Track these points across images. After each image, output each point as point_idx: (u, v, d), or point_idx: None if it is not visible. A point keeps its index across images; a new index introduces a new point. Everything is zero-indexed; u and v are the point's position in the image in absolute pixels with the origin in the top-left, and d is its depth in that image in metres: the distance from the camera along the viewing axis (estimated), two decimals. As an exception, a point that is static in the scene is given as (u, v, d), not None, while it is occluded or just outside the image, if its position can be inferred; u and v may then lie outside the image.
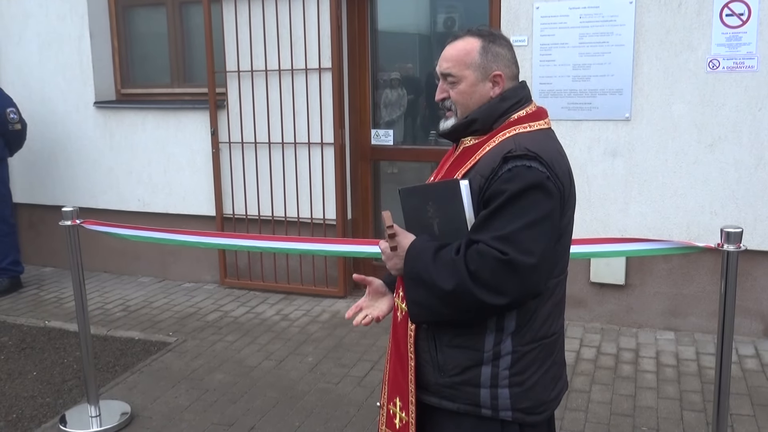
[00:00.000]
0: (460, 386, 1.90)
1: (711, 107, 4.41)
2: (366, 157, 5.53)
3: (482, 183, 1.80)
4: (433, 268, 1.79)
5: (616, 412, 3.68)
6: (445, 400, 1.93)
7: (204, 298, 5.63)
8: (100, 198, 6.17)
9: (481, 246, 1.75)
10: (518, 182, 1.76)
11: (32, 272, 6.36)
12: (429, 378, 1.94)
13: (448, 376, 1.90)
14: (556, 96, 4.68)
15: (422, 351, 1.94)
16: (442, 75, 1.95)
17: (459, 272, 1.75)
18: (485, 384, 1.88)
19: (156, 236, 3.73)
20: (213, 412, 3.79)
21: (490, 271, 1.73)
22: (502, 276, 1.73)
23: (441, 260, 1.79)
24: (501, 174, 1.78)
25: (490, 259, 1.73)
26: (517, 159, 1.78)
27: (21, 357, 4.59)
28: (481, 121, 1.91)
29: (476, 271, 1.73)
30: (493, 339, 1.87)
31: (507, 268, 1.72)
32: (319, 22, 5.20)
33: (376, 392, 3.94)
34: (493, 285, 1.73)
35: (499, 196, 1.76)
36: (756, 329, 4.57)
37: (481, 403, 1.89)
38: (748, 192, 4.41)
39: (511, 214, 1.75)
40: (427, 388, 1.96)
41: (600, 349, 4.48)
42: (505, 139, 1.86)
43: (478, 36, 1.93)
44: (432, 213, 1.86)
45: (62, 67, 6.10)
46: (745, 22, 4.27)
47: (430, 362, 1.93)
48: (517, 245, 1.73)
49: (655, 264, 4.69)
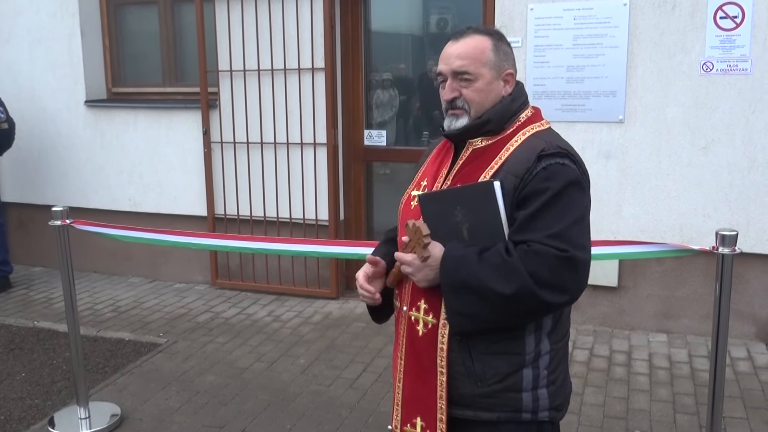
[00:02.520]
0: (500, 393, 1.84)
1: (704, 110, 4.41)
2: (359, 157, 5.51)
3: (516, 183, 1.77)
4: (483, 274, 1.73)
5: (609, 415, 3.67)
6: (482, 411, 1.86)
7: (195, 299, 5.60)
8: (91, 198, 6.13)
9: (535, 245, 1.72)
10: (558, 180, 1.76)
11: (21, 272, 6.31)
12: (463, 390, 1.86)
13: (488, 386, 1.84)
14: (550, 97, 4.68)
15: (455, 363, 1.85)
16: (454, 73, 1.87)
17: (518, 274, 1.70)
18: (527, 387, 1.85)
19: (147, 237, 3.70)
20: (204, 414, 3.76)
21: (550, 270, 1.71)
22: (564, 273, 1.72)
23: (490, 264, 1.73)
24: (537, 172, 1.76)
25: (550, 258, 1.71)
26: (551, 157, 1.78)
27: (9, 358, 4.54)
28: (495, 121, 1.88)
29: (536, 272, 1.70)
30: (533, 340, 1.85)
31: (568, 265, 1.72)
32: (313, 22, 5.18)
33: (368, 394, 3.92)
34: (555, 283, 1.72)
35: (541, 195, 1.74)
36: (748, 332, 4.58)
37: (523, 408, 1.85)
38: (741, 195, 4.41)
39: (558, 211, 1.74)
40: (460, 402, 1.87)
41: (593, 351, 4.47)
42: (529, 138, 1.85)
43: (486, 34, 1.90)
44: (461, 218, 1.79)
45: (53, 66, 6.05)
46: (739, 25, 4.27)
47: (465, 374, 1.85)
48: (572, 242, 1.73)
49: (648, 266, 4.69)
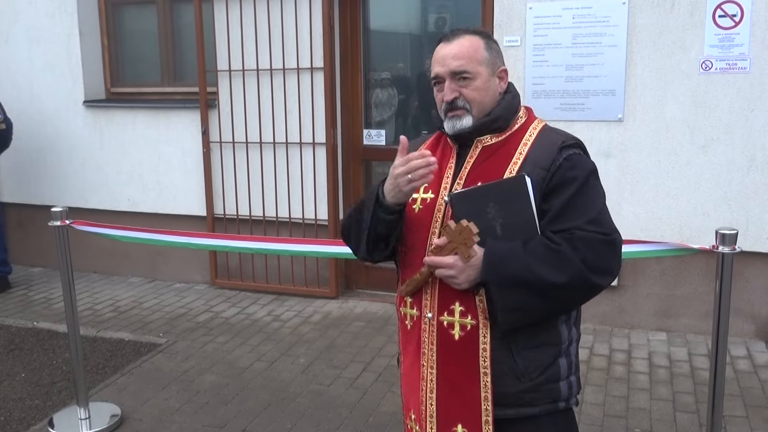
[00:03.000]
0: (542, 386, 1.86)
1: (704, 108, 4.41)
2: (358, 157, 5.51)
3: (544, 174, 1.81)
4: (534, 265, 1.74)
5: (609, 414, 3.68)
6: (524, 407, 1.86)
7: (195, 299, 5.60)
8: (90, 198, 6.12)
9: (579, 233, 1.77)
10: (582, 169, 1.84)
11: (20, 272, 6.30)
12: (505, 389, 1.84)
13: (530, 380, 1.84)
14: (549, 96, 4.68)
15: (497, 362, 1.83)
16: (452, 74, 1.88)
17: (570, 262, 1.74)
18: (564, 376, 1.89)
19: (146, 237, 3.70)
20: (204, 413, 3.76)
21: (596, 255, 1.76)
22: (609, 256, 1.80)
23: (537, 256, 1.75)
24: (561, 163, 1.82)
25: (596, 243, 1.77)
26: (570, 148, 1.86)
27: (9, 358, 4.54)
28: (504, 117, 1.92)
29: (586, 258, 1.75)
30: (566, 329, 1.91)
31: (611, 248, 1.80)
32: (311, 22, 5.17)
33: (368, 394, 3.92)
34: (604, 266, 1.79)
35: (570, 184, 1.81)
36: (748, 330, 4.58)
37: (561, 397, 1.89)
38: (741, 193, 4.41)
39: (589, 198, 1.82)
40: (501, 402, 1.85)
41: (592, 350, 4.48)
42: (542, 131, 1.92)
43: (476, 34, 1.93)
44: (494, 214, 1.79)
45: (51, 66, 6.04)
46: (738, 23, 4.27)
47: (507, 372, 1.84)
48: (608, 225, 1.82)
49: (647, 265, 4.69)
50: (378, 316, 5.09)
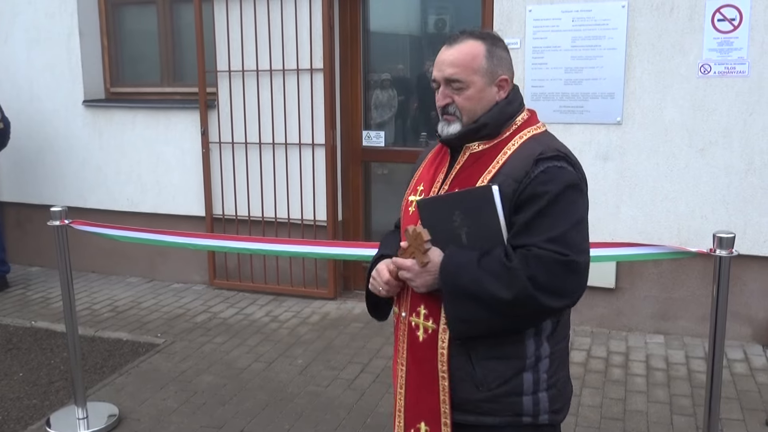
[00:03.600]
0: (501, 398, 1.84)
1: (702, 112, 4.42)
2: (357, 158, 5.51)
3: (515, 187, 1.76)
4: (483, 279, 1.72)
5: (606, 416, 3.68)
6: (483, 416, 1.86)
7: (193, 299, 5.60)
8: (89, 197, 6.12)
9: (535, 250, 1.71)
10: (556, 183, 1.75)
11: (19, 272, 6.30)
12: (465, 395, 1.85)
13: (488, 390, 1.83)
14: (548, 99, 4.68)
15: (455, 368, 1.84)
16: (445, 80, 1.87)
17: (517, 279, 1.70)
18: (528, 391, 1.84)
19: (145, 237, 3.70)
20: (202, 414, 3.76)
21: (550, 275, 1.70)
22: (563, 277, 1.72)
23: (489, 270, 1.73)
24: (535, 176, 1.75)
25: (550, 262, 1.70)
26: (549, 160, 1.77)
27: (7, 358, 4.54)
28: (492, 125, 1.87)
29: (535, 276, 1.70)
30: (533, 344, 1.84)
31: (567, 269, 1.72)
32: (311, 23, 5.18)
33: (366, 395, 3.92)
34: (555, 288, 1.72)
35: (539, 198, 1.73)
36: (745, 333, 4.59)
37: (524, 412, 1.85)
38: (739, 197, 4.42)
39: (557, 215, 1.73)
40: (461, 407, 1.87)
41: (590, 352, 4.48)
42: (526, 142, 1.84)
43: (480, 39, 1.87)
44: (459, 222, 1.79)
45: (51, 65, 6.04)
46: (737, 27, 4.28)
47: (466, 379, 1.84)
48: (572, 245, 1.73)
49: (645, 268, 4.70)
50: (376, 318, 5.08)
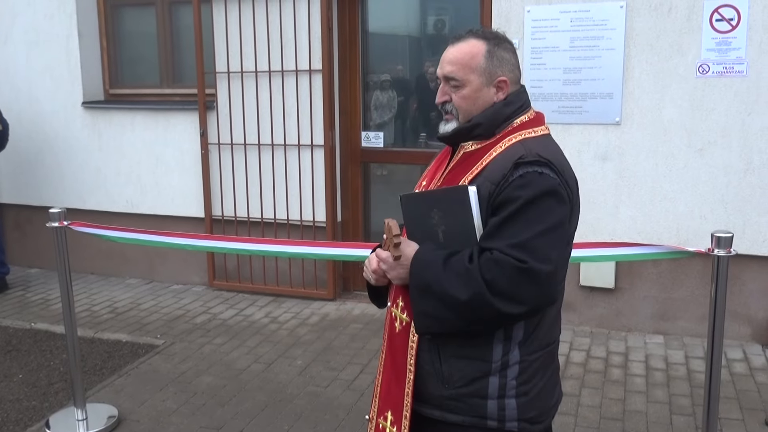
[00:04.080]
0: (465, 398, 1.84)
1: (701, 112, 4.42)
2: (356, 159, 5.51)
3: (492, 189, 1.75)
4: (444, 278, 1.73)
5: (605, 416, 3.68)
6: (448, 413, 1.87)
7: (192, 300, 5.60)
8: (88, 199, 6.13)
9: (496, 254, 1.70)
10: (532, 189, 1.72)
11: (18, 273, 6.30)
12: (432, 390, 1.88)
13: (454, 388, 1.85)
14: (547, 99, 4.69)
15: (424, 363, 1.87)
16: (444, 78, 1.89)
17: (474, 282, 1.70)
18: (492, 395, 1.84)
19: (144, 238, 3.70)
20: (201, 415, 3.76)
21: (507, 280, 1.69)
22: (520, 284, 1.69)
23: (452, 270, 1.73)
24: (513, 180, 1.74)
25: (508, 268, 1.68)
26: (528, 165, 1.75)
27: (6, 359, 4.54)
28: (485, 126, 1.87)
29: (492, 280, 1.69)
30: (501, 349, 1.83)
31: (525, 276, 1.69)
32: (310, 24, 5.18)
33: (365, 396, 3.92)
34: (511, 294, 1.69)
35: (512, 203, 1.72)
36: (744, 333, 4.59)
37: (488, 415, 1.84)
38: (737, 196, 4.42)
39: (526, 221, 1.71)
40: (429, 401, 1.89)
41: (589, 352, 4.48)
42: (513, 145, 1.83)
43: (483, 39, 1.88)
44: (437, 220, 1.80)
45: (50, 67, 6.05)
46: (735, 27, 4.29)
47: (433, 374, 1.86)
48: (534, 253, 1.69)
49: (644, 268, 4.70)
50: (375, 318, 5.09)
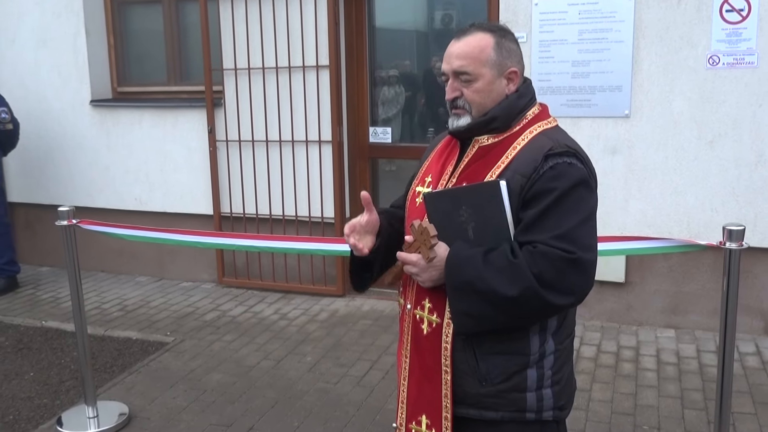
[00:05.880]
0: (505, 393, 1.84)
1: (711, 104, 4.38)
2: (364, 154, 5.50)
3: (524, 182, 1.75)
4: (488, 275, 1.72)
5: (616, 411, 3.66)
6: (486, 411, 1.86)
7: (202, 298, 5.61)
8: (97, 197, 6.14)
9: (541, 247, 1.70)
10: (566, 180, 1.74)
11: (29, 272, 6.32)
12: (468, 389, 1.86)
13: (492, 385, 1.83)
14: (555, 93, 4.66)
15: (459, 362, 1.85)
16: (454, 73, 1.86)
17: (523, 276, 1.69)
18: (531, 387, 1.85)
19: (153, 236, 3.70)
20: (211, 412, 3.76)
21: (556, 272, 1.69)
22: (570, 275, 1.71)
23: (495, 266, 1.72)
24: (544, 172, 1.74)
25: (556, 259, 1.69)
26: (558, 156, 1.76)
27: (18, 357, 4.56)
28: (502, 118, 1.85)
29: (541, 273, 1.69)
30: (538, 340, 1.84)
31: (574, 267, 1.71)
32: (317, 19, 5.17)
33: (375, 392, 3.91)
34: (561, 285, 1.71)
35: (548, 195, 1.72)
36: (757, 326, 4.56)
37: (527, 408, 1.85)
38: (749, 189, 4.39)
39: (565, 212, 1.72)
40: (464, 401, 1.88)
41: (600, 347, 4.46)
42: (536, 137, 1.83)
43: (489, 31, 1.86)
44: (466, 217, 1.78)
45: (58, 66, 6.06)
46: (745, 18, 4.24)
47: (469, 373, 1.84)
48: (579, 242, 1.72)
49: (655, 262, 4.67)
50: (385, 315, 5.08)
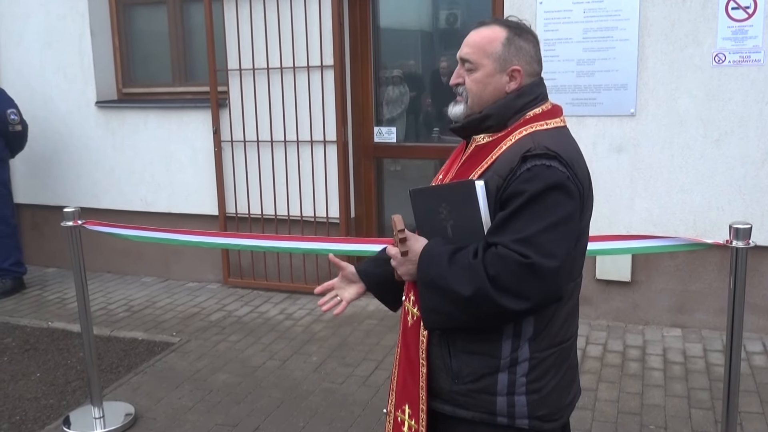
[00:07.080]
0: (475, 394, 1.83)
1: (717, 102, 4.37)
2: (369, 154, 5.50)
3: (500, 183, 1.72)
4: (449, 274, 1.72)
5: (623, 411, 3.65)
6: (459, 408, 1.86)
7: (207, 298, 5.61)
8: (103, 198, 6.16)
9: (500, 249, 1.67)
10: (538, 182, 1.68)
11: (35, 273, 6.34)
12: (442, 385, 1.87)
13: (463, 384, 1.83)
14: (560, 92, 4.65)
15: (435, 357, 1.87)
16: (461, 59, 1.89)
17: (478, 277, 1.67)
18: (501, 392, 1.82)
19: (158, 236, 3.71)
20: (217, 412, 3.76)
21: (511, 275, 1.66)
22: (524, 280, 1.66)
23: (457, 265, 1.72)
24: (520, 174, 1.70)
25: (511, 263, 1.65)
26: (536, 158, 1.71)
27: (24, 358, 4.57)
28: (496, 117, 1.84)
29: (496, 276, 1.66)
30: (510, 345, 1.80)
31: (529, 272, 1.65)
32: (321, 19, 5.17)
33: (381, 392, 3.91)
34: (515, 290, 1.66)
35: (519, 197, 1.69)
36: (764, 325, 4.54)
37: (497, 411, 1.83)
38: (755, 187, 4.37)
39: (531, 215, 1.67)
40: (440, 396, 1.89)
41: (606, 346, 4.45)
42: (523, 137, 1.80)
43: (506, 26, 1.88)
44: (445, 215, 1.79)
45: (63, 67, 6.07)
46: (751, 16, 4.23)
47: (443, 369, 1.85)
48: (539, 248, 1.66)
49: (661, 260, 4.66)
50: (390, 315, 5.06)
